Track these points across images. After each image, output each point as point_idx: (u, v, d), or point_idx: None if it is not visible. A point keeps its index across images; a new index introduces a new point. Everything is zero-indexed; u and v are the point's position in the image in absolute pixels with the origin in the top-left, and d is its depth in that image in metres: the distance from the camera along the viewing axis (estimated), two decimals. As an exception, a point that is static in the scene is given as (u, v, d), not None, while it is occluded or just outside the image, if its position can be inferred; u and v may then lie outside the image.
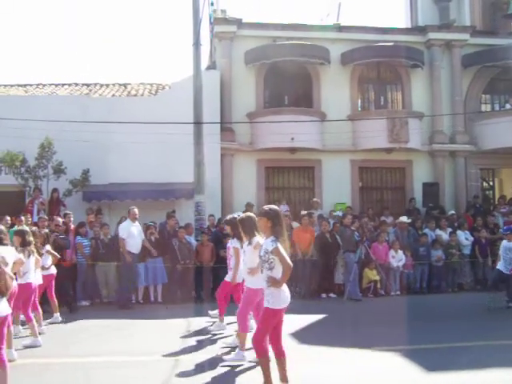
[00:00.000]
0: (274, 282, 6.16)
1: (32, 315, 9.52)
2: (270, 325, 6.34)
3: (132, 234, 13.44)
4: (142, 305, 13.86)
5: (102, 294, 14.19)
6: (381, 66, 20.46)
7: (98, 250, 14.15)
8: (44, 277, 10.64)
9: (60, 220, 13.57)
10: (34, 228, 11.18)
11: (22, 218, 13.91)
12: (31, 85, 22.09)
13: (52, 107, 17.63)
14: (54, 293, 11.34)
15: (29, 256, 9.30)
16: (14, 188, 17.06)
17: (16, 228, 11.10)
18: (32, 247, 9.42)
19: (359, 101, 20.78)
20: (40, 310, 10.33)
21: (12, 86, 22.00)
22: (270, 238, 6.28)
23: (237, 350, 8.19)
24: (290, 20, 22.20)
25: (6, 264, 6.68)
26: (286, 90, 20.40)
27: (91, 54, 57.83)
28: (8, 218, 14.07)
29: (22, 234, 9.31)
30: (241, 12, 28.63)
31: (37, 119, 15.73)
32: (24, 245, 9.16)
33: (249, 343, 6.95)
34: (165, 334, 10.36)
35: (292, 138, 18.07)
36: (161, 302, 13.96)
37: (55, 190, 16.36)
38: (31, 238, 9.40)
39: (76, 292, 13.85)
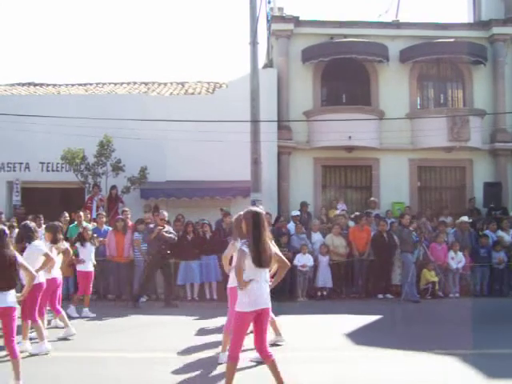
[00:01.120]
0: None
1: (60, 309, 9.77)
2: (241, 329, 6.20)
3: None
4: (197, 302, 13.95)
5: (157, 290, 14.32)
6: (441, 62, 19.94)
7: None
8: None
9: (166, 214, 13.57)
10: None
11: (81, 213, 14.20)
12: (91, 84, 22.54)
13: (111, 106, 17.98)
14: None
15: (58, 253, 9.68)
16: (74, 185, 17.43)
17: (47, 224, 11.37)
18: (61, 244, 9.72)
19: (418, 99, 20.36)
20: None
21: (73, 85, 22.50)
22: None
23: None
24: (348, 17, 21.97)
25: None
26: (343, 87, 20.18)
27: (150, 53, 58.65)
28: (66, 214, 14.37)
29: (53, 230, 9.58)
30: (298, 10, 28.47)
31: (96, 117, 16.02)
32: (55, 241, 9.46)
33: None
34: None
35: (349, 137, 17.87)
36: (216, 300, 14.01)
37: (113, 187, 16.64)
38: (61, 235, 9.79)
39: (133, 288, 14.07)
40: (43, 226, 14.54)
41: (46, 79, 23.71)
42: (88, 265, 11.91)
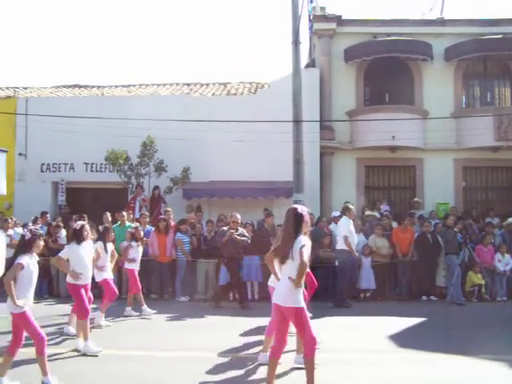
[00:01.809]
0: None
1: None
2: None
3: (350, 232, 13.34)
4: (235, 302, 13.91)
5: (198, 290, 14.36)
6: (488, 60, 19.43)
7: (199, 246, 14.38)
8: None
9: (239, 217, 13.41)
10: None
11: (124, 213, 14.33)
12: (134, 85, 22.81)
13: (154, 107, 18.19)
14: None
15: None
16: (117, 185, 17.65)
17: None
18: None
19: (463, 97, 20.00)
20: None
21: (116, 86, 22.79)
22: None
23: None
24: (391, 15, 21.69)
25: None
26: (386, 87, 19.92)
27: (193, 54, 59.04)
28: (108, 214, 14.51)
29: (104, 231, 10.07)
30: (340, 9, 28.34)
31: (139, 118, 16.20)
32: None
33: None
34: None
35: (393, 137, 17.64)
36: (258, 300, 13.96)
37: (156, 188, 16.77)
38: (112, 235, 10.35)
39: (175, 288, 14.15)
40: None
41: (91, 81, 24.08)
42: (138, 264, 12.07)
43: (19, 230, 15.28)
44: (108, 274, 10.75)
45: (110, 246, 10.85)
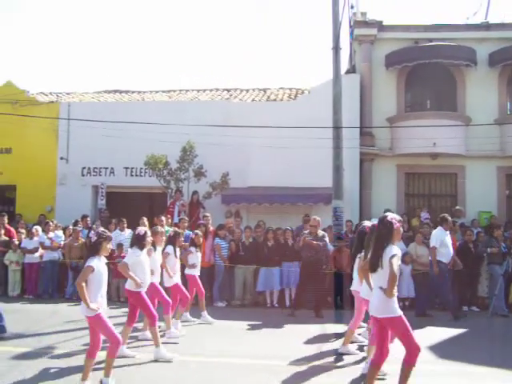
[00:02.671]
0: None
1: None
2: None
3: (445, 244, 12.87)
4: (275, 309, 13.85)
5: (236, 295, 14.31)
6: (534, 65, 19.01)
7: (237, 252, 14.37)
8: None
9: (318, 219, 13.09)
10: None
11: (163, 218, 14.42)
12: (174, 90, 22.98)
13: (194, 112, 18.28)
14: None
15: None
16: (156, 190, 17.75)
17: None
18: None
19: (508, 104, 19.54)
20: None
21: (156, 92, 22.99)
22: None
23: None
24: (433, 20, 21.43)
25: None
26: (428, 93, 19.64)
27: (233, 60, 59.27)
28: (145, 218, 14.55)
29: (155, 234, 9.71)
30: (381, 14, 28.13)
31: (179, 123, 16.26)
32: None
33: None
34: (297, 338, 10.21)
35: (434, 143, 17.41)
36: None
37: (195, 193, 16.80)
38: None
39: (213, 293, 14.14)
40: (126, 229, 15.02)
41: (131, 86, 24.33)
42: (198, 269, 11.86)
43: (60, 232, 15.52)
44: (178, 279, 10.74)
45: (178, 251, 10.88)
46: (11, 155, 20.18)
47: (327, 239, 13.20)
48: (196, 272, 11.69)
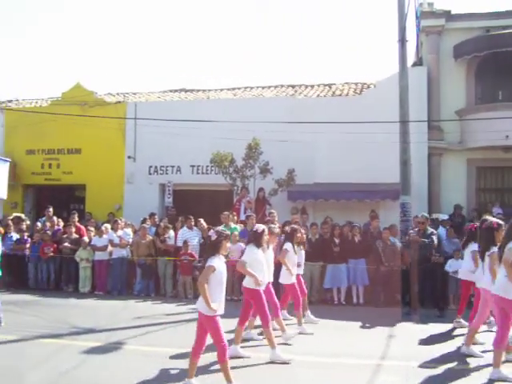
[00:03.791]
0: None
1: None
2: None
3: None
4: (344, 306, 13.68)
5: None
6: None
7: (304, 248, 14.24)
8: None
9: (426, 215, 13.00)
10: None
11: (227, 214, 14.48)
12: (239, 88, 23.03)
13: (259, 109, 18.27)
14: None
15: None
16: (222, 187, 17.80)
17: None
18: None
19: None
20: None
21: (221, 90, 23.10)
22: None
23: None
24: (506, 7, 20.63)
25: None
26: (500, 84, 18.84)
27: (297, 55, 59.09)
28: (202, 220, 14.48)
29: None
30: (449, 3, 27.36)
31: (244, 121, 16.27)
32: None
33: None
34: (369, 336, 10.09)
35: (506, 136, 16.78)
36: (362, 304, 13.69)
37: (261, 190, 16.78)
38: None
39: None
40: (194, 227, 15.14)
41: (196, 85, 24.47)
42: (302, 269, 11.60)
43: (128, 230, 15.77)
44: (295, 277, 10.61)
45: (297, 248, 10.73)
46: (81, 155, 20.71)
47: (435, 237, 12.96)
48: (300, 271, 11.30)
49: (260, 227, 8.79)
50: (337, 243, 14.16)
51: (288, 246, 10.50)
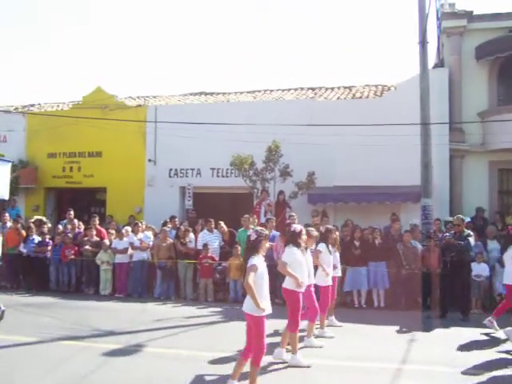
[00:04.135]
0: None
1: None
2: None
3: None
4: (364, 309, 13.58)
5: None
6: None
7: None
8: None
9: (462, 217, 12.91)
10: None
11: (248, 217, 14.47)
12: (259, 91, 23.03)
13: (279, 112, 18.27)
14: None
15: None
16: (242, 190, 17.78)
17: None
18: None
19: None
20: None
21: (241, 92, 23.11)
22: None
23: None
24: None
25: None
26: (523, 85, 18.72)
27: (317, 58, 59.00)
28: (222, 222, 14.46)
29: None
30: (471, 4, 27.12)
31: (265, 123, 16.25)
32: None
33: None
34: (390, 340, 9.97)
35: (529, 138, 16.56)
36: (383, 307, 13.57)
37: (281, 192, 16.72)
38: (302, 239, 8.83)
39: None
40: (214, 230, 15.16)
41: (216, 88, 24.56)
42: (339, 271, 11.41)
43: (149, 233, 15.81)
44: (331, 279, 10.44)
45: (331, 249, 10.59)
46: (101, 158, 20.84)
47: (472, 239, 12.82)
48: (336, 273, 11.14)
49: (297, 227, 8.64)
50: (357, 246, 14.07)
51: (322, 246, 10.38)
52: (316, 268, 10.13)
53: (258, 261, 6.66)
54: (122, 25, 72.71)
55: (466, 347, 9.45)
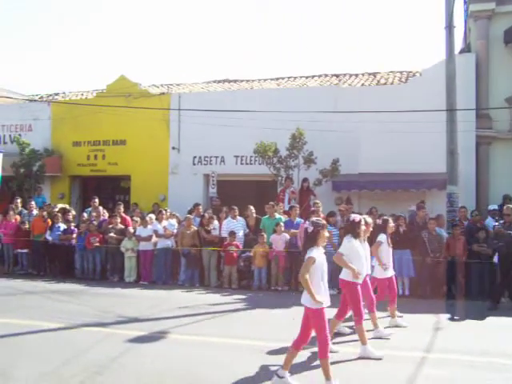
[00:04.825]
0: None
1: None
2: None
3: None
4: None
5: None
6: None
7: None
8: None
9: (511, 207, 12.51)
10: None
11: (272, 204, 14.44)
12: (283, 78, 22.93)
13: (303, 99, 18.18)
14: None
15: None
16: (266, 177, 17.72)
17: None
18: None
19: None
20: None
21: (265, 80, 23.03)
22: None
23: None
24: None
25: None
26: (553, 70, 18.32)
27: (341, 44, 58.57)
28: (251, 207, 14.42)
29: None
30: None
31: (288, 111, 16.16)
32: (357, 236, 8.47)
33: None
34: (414, 328, 9.83)
35: (558, 123, 16.27)
36: (408, 296, 13.40)
37: (305, 180, 16.64)
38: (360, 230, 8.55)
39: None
40: (239, 217, 15.14)
41: (240, 75, 24.51)
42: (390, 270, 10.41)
43: (173, 221, 15.85)
44: (391, 272, 10.14)
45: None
46: (126, 146, 20.93)
47: None
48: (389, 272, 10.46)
49: (357, 217, 8.46)
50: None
51: (382, 237, 10.10)
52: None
53: (317, 253, 6.53)
54: (146, 13, 72.88)
55: (496, 336, 9.33)
